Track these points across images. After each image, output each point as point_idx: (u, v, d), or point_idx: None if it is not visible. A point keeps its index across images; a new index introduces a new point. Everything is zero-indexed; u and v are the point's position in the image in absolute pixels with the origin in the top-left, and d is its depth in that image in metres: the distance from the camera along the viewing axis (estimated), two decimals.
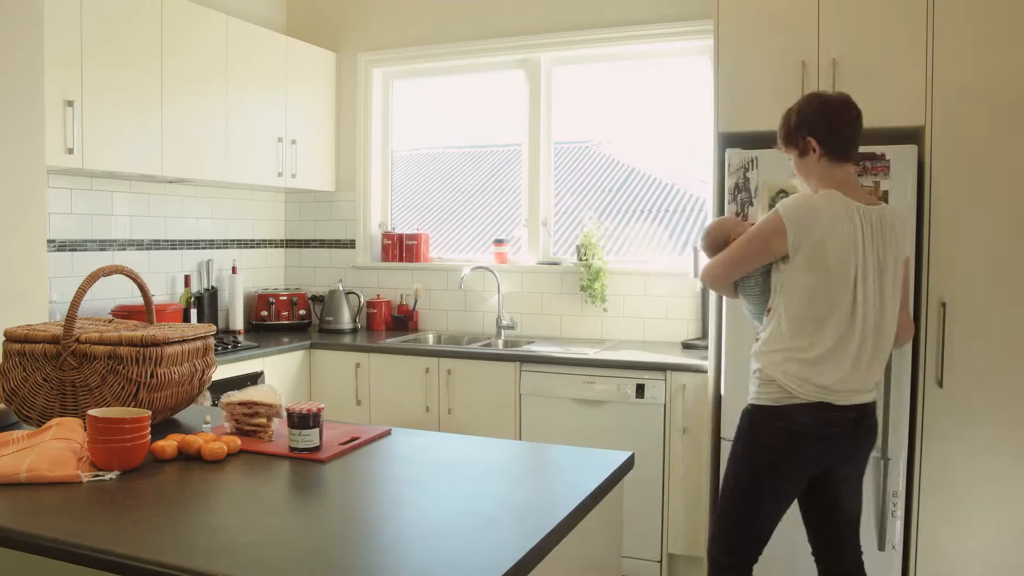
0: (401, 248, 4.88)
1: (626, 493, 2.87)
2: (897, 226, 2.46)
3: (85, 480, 1.70)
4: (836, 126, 2.44)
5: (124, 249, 4.08)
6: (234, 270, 4.60)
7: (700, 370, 3.52)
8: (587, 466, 1.88)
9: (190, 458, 1.88)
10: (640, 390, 3.59)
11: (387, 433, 2.12)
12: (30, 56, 2.79)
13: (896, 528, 3.18)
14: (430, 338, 4.60)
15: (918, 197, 3.15)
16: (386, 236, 4.95)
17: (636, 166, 5.44)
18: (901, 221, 2.50)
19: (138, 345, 2.02)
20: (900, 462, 3.17)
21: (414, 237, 4.86)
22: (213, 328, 2.31)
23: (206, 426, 2.12)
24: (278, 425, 2.07)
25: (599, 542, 1.77)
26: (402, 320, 4.76)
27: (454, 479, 1.80)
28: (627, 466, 1.92)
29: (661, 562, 3.63)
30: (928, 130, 3.14)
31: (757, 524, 2.50)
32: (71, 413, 2.03)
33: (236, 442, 1.92)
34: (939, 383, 3.14)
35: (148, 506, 1.58)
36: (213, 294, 4.45)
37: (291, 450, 1.90)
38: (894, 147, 3.14)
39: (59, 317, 3.57)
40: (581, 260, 4.31)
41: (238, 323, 4.51)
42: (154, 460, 1.86)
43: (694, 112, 4.33)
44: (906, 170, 3.13)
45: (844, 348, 2.38)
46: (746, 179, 3.27)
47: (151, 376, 2.03)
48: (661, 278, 4.25)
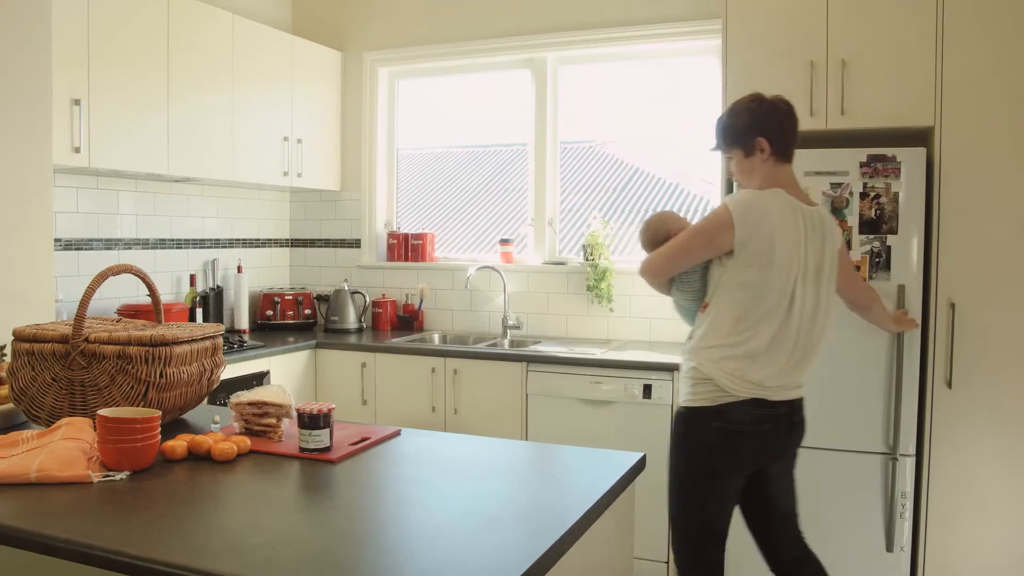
0: (406, 248, 4.87)
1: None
2: (832, 227, 2.53)
3: (95, 480, 1.69)
4: (785, 128, 2.50)
5: (130, 248, 4.07)
6: (239, 269, 4.60)
7: None
8: (598, 467, 1.87)
9: (200, 458, 1.87)
10: (647, 390, 3.58)
11: (397, 433, 2.11)
12: (37, 55, 2.79)
13: (904, 529, 3.17)
14: (436, 338, 4.59)
15: (927, 198, 3.14)
16: (391, 236, 4.94)
17: (640, 166, 5.43)
18: (833, 223, 2.57)
19: (147, 345, 2.01)
20: (908, 463, 3.16)
21: (419, 236, 4.85)
22: (222, 328, 2.30)
23: (215, 426, 2.11)
24: (287, 425, 2.06)
25: (611, 545, 1.76)
26: (407, 320, 4.75)
27: (465, 480, 1.79)
28: (639, 467, 1.91)
29: (668, 563, 3.62)
30: (937, 131, 3.13)
31: (707, 527, 2.50)
32: (80, 413, 2.02)
33: (246, 442, 1.91)
34: (948, 384, 3.13)
35: (158, 506, 1.57)
36: (218, 293, 4.44)
37: (301, 450, 1.89)
38: (904, 149, 3.13)
39: (65, 316, 3.57)
40: (587, 260, 4.30)
41: (243, 322, 4.50)
42: (164, 460, 1.85)
43: (699, 112, 4.32)
44: (916, 171, 3.12)
45: (779, 345, 2.40)
46: None
47: (160, 376, 2.02)
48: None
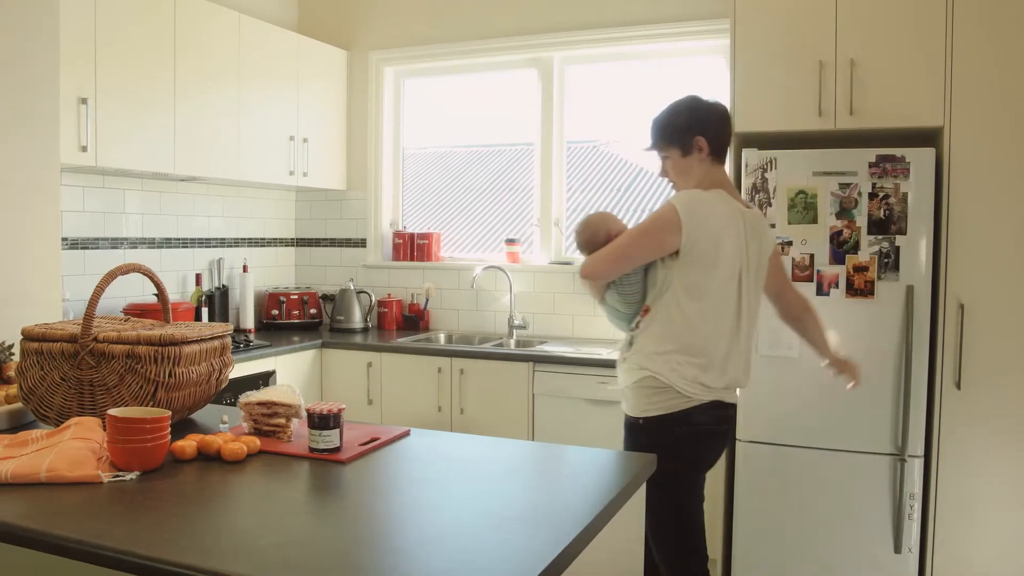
0: (412, 247, 4.87)
1: None
2: (767, 230, 2.56)
3: (105, 480, 1.69)
4: (723, 129, 2.52)
5: (135, 247, 4.07)
6: (245, 269, 4.59)
7: None
8: (609, 468, 1.86)
9: (209, 458, 1.86)
10: None
11: (406, 434, 2.11)
12: (45, 54, 2.78)
13: (912, 531, 3.16)
14: (442, 337, 4.58)
15: (936, 198, 3.13)
16: (397, 235, 4.93)
17: (644, 166, 5.42)
18: (768, 226, 2.60)
19: (156, 344, 2.01)
20: (917, 464, 3.14)
21: (425, 236, 4.85)
22: (230, 327, 2.30)
23: (223, 426, 2.10)
24: (297, 425, 2.06)
25: (623, 547, 1.75)
26: (413, 319, 4.74)
27: (477, 481, 1.78)
28: (649, 468, 1.90)
29: None
30: (947, 131, 3.11)
31: (683, 528, 2.46)
32: (89, 412, 2.02)
33: (255, 442, 1.90)
34: (957, 385, 3.12)
35: (169, 507, 1.56)
36: (224, 293, 4.44)
37: (311, 451, 1.89)
38: (913, 149, 3.12)
39: (72, 315, 3.57)
40: None
41: (249, 322, 4.49)
42: (173, 460, 1.84)
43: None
44: (925, 172, 3.10)
45: (731, 347, 2.42)
46: (764, 179, 3.25)
47: (169, 376, 2.02)
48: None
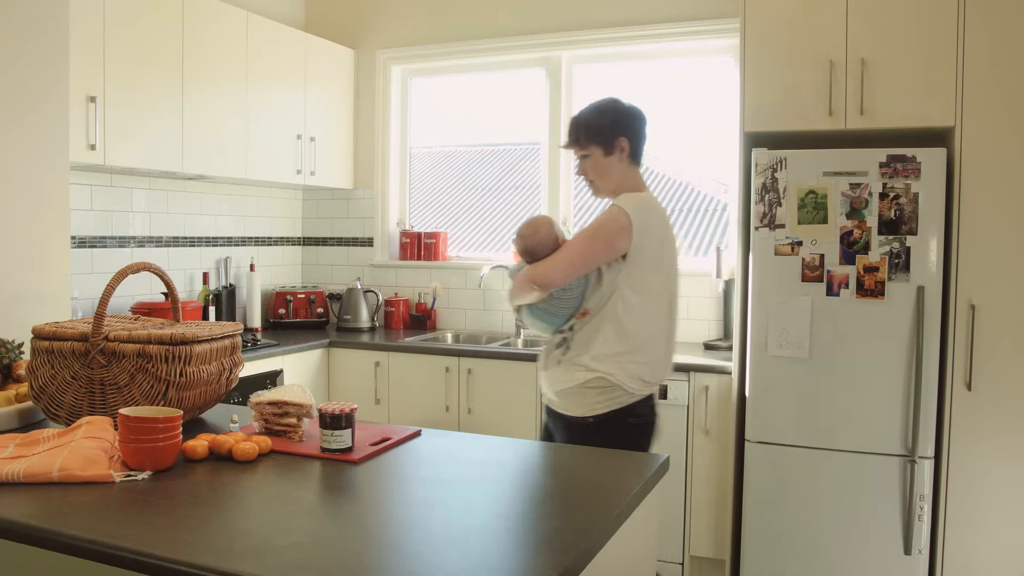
0: (419, 246, 4.86)
1: None
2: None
3: (117, 480, 1.68)
4: (642, 131, 2.57)
5: (143, 246, 4.07)
6: (252, 268, 4.59)
7: (724, 371, 3.49)
8: (623, 469, 1.85)
9: (221, 458, 1.85)
10: (663, 391, 3.55)
11: (417, 434, 2.10)
12: (55, 52, 2.77)
13: (922, 532, 3.14)
14: (449, 337, 4.57)
15: (947, 199, 3.11)
16: (404, 234, 4.92)
17: (649, 166, 5.40)
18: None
19: (167, 343, 2.00)
20: (927, 465, 3.13)
21: (432, 235, 4.84)
22: (240, 326, 2.29)
23: (234, 425, 2.09)
24: (308, 425, 2.05)
25: (637, 548, 1.74)
26: (420, 319, 4.73)
27: (490, 482, 1.77)
28: (663, 469, 1.89)
29: (683, 564, 3.60)
30: (958, 131, 3.10)
31: None
32: (99, 411, 2.01)
33: (267, 442, 1.89)
34: (968, 386, 3.10)
35: (182, 507, 1.56)
36: (231, 292, 4.44)
37: (323, 451, 1.88)
38: (924, 149, 3.11)
39: (81, 314, 3.56)
40: None
41: (256, 321, 4.49)
42: (185, 460, 1.83)
43: (711, 112, 4.29)
44: (936, 172, 3.09)
45: (668, 342, 2.54)
46: (774, 179, 3.24)
47: (180, 375, 2.01)
48: (681, 278, 4.20)
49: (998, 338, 3.08)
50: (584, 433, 2.46)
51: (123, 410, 1.76)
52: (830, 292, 3.21)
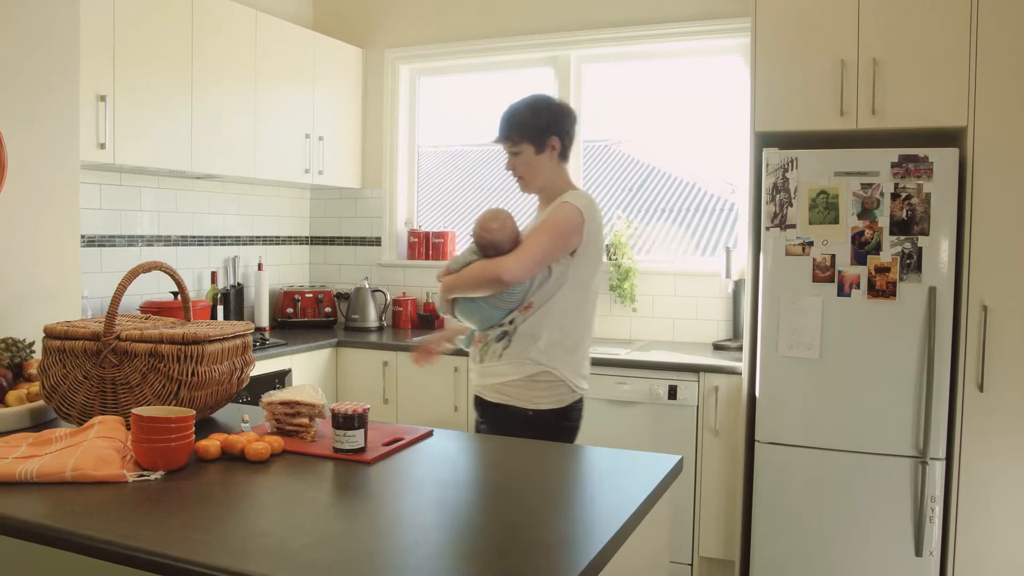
0: (427, 246, 4.85)
1: None
2: None
3: (130, 480, 1.68)
4: (572, 131, 2.60)
5: (151, 245, 4.07)
6: (260, 267, 4.59)
7: (734, 372, 3.47)
8: (636, 470, 1.84)
9: (233, 458, 1.85)
10: (672, 391, 3.55)
11: (429, 434, 2.09)
12: (65, 51, 2.78)
13: (934, 533, 3.13)
14: None
15: (959, 199, 3.10)
16: (412, 234, 4.92)
17: (656, 165, 5.40)
18: None
19: (179, 343, 2.00)
20: (938, 467, 3.12)
21: (440, 235, 4.83)
22: (252, 326, 2.29)
23: (245, 425, 2.09)
24: (319, 425, 2.05)
25: (651, 549, 1.74)
26: (428, 319, 4.73)
27: (505, 483, 1.77)
28: (676, 471, 1.88)
29: (692, 565, 3.59)
30: (970, 131, 3.08)
31: None
32: (111, 411, 2.01)
33: (279, 442, 1.89)
34: (980, 387, 3.09)
35: (195, 507, 1.55)
36: (239, 291, 4.43)
37: (335, 451, 1.87)
38: (936, 149, 3.09)
39: (91, 313, 3.57)
40: (610, 259, 4.27)
41: (264, 320, 4.49)
42: (197, 460, 1.83)
43: (720, 112, 4.28)
44: (948, 172, 3.07)
45: (591, 338, 2.62)
46: (785, 179, 3.23)
47: (192, 375, 2.00)
48: (690, 278, 4.21)
49: (1010, 339, 3.06)
50: (521, 426, 2.47)
51: (136, 410, 1.75)
52: (841, 292, 3.19)
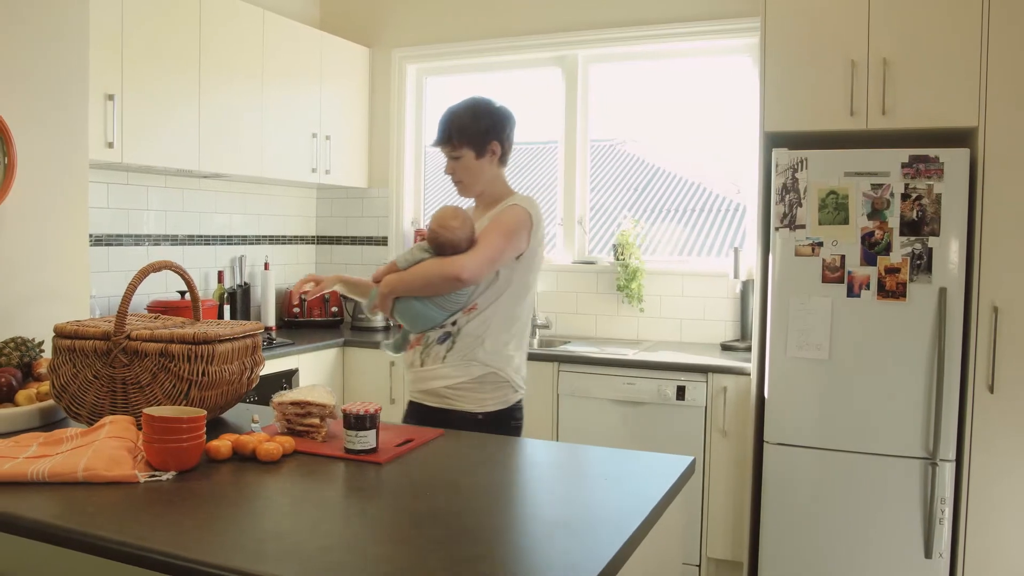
0: None
1: None
2: None
3: (142, 480, 1.67)
4: (512, 136, 2.59)
5: (158, 244, 4.06)
6: (266, 266, 4.58)
7: (743, 372, 3.47)
8: (649, 471, 1.83)
9: (244, 458, 1.84)
10: (681, 392, 3.54)
11: (441, 434, 2.08)
12: (75, 50, 2.77)
13: (943, 535, 3.12)
14: None
15: (970, 200, 3.09)
16: (419, 233, 4.90)
17: (661, 165, 5.39)
18: None
19: (190, 343, 1.99)
20: (948, 468, 3.11)
21: None
22: (261, 326, 2.28)
23: (255, 425, 2.08)
24: (330, 425, 2.04)
25: (664, 551, 1.73)
26: None
27: (518, 484, 1.76)
28: (690, 471, 1.87)
29: (700, 566, 3.58)
30: (981, 131, 3.07)
31: None
32: (121, 411, 2.00)
33: (291, 443, 1.88)
34: (990, 389, 3.07)
35: (208, 508, 1.55)
36: (246, 290, 4.43)
37: (347, 451, 1.87)
38: (947, 150, 3.08)
39: (99, 312, 3.56)
40: (618, 259, 4.26)
41: (270, 320, 4.48)
42: (208, 460, 1.82)
43: (726, 112, 4.27)
44: (959, 173, 3.06)
45: (528, 341, 2.61)
46: (795, 179, 3.22)
47: (202, 374, 2.00)
48: (698, 279, 4.20)
49: (1021, 340, 3.05)
50: (471, 429, 2.42)
51: (147, 410, 1.75)
52: (851, 293, 3.18)
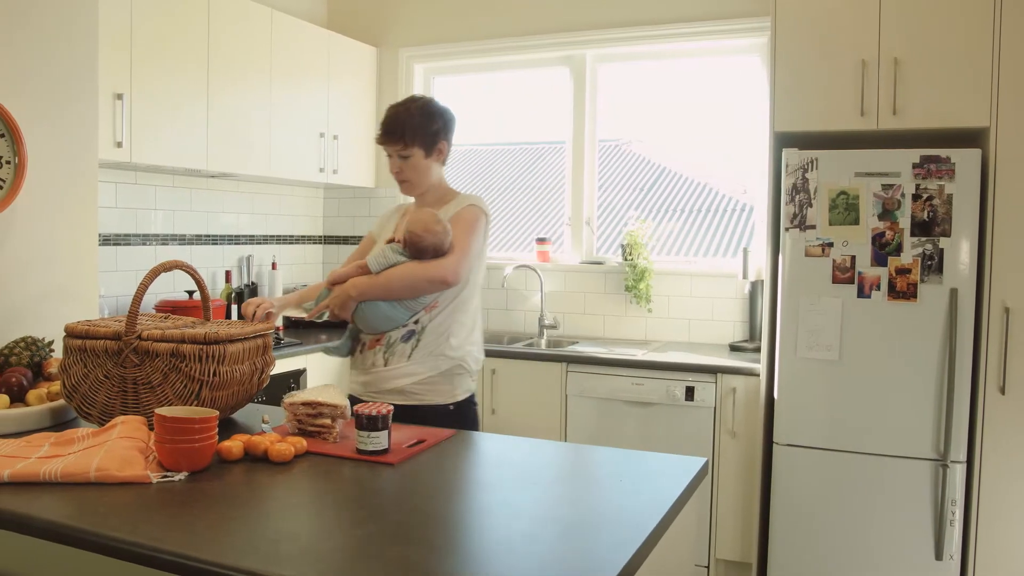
0: None
1: None
2: None
3: (154, 481, 1.66)
4: (452, 136, 2.68)
5: (166, 244, 4.06)
6: (274, 266, 4.58)
7: (752, 373, 3.45)
8: (662, 472, 1.82)
9: (256, 459, 1.84)
10: (690, 392, 3.53)
11: (452, 435, 2.08)
12: (84, 50, 2.77)
13: (954, 537, 3.10)
14: None
15: (981, 200, 3.07)
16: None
17: (667, 165, 5.38)
18: None
19: (201, 343, 1.98)
20: (959, 470, 3.09)
21: None
22: (272, 325, 2.28)
23: (265, 426, 2.08)
24: (341, 426, 2.03)
25: (679, 553, 1.72)
26: None
27: (531, 485, 1.75)
28: (703, 472, 1.87)
29: (709, 567, 3.57)
30: (993, 132, 3.06)
31: None
32: (132, 411, 2.00)
33: (302, 443, 1.87)
34: (1001, 390, 3.06)
35: (221, 508, 1.54)
36: (253, 290, 4.43)
37: (358, 452, 1.86)
38: (958, 150, 3.07)
39: (107, 312, 3.56)
40: (626, 260, 4.25)
41: (278, 320, 4.47)
42: (220, 461, 1.82)
43: (733, 112, 4.26)
44: (970, 173, 3.05)
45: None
46: (805, 179, 3.20)
47: (214, 374, 1.99)
48: (707, 279, 4.19)
49: None
50: (444, 421, 2.46)
51: (159, 410, 1.74)
52: (861, 294, 3.17)
